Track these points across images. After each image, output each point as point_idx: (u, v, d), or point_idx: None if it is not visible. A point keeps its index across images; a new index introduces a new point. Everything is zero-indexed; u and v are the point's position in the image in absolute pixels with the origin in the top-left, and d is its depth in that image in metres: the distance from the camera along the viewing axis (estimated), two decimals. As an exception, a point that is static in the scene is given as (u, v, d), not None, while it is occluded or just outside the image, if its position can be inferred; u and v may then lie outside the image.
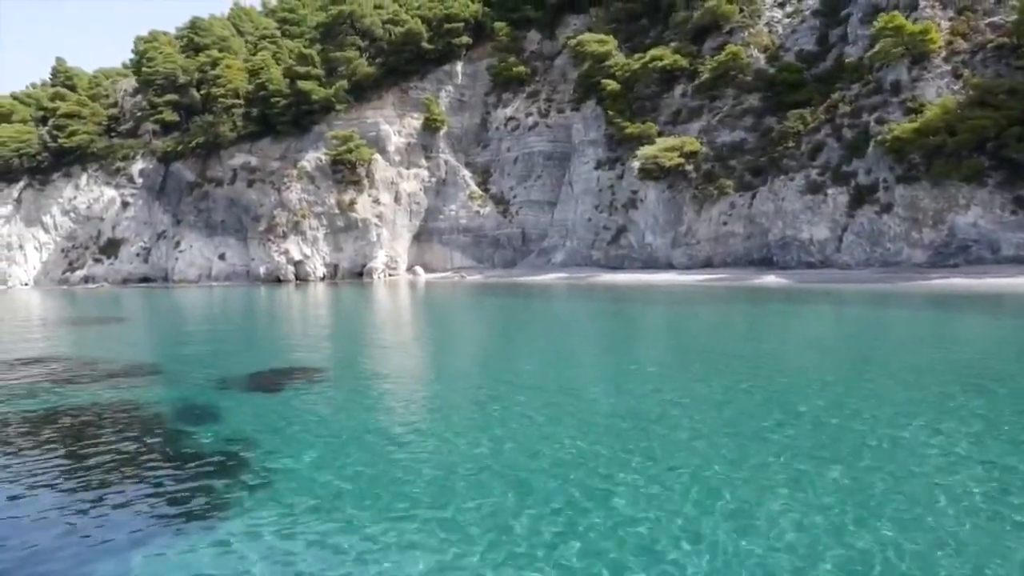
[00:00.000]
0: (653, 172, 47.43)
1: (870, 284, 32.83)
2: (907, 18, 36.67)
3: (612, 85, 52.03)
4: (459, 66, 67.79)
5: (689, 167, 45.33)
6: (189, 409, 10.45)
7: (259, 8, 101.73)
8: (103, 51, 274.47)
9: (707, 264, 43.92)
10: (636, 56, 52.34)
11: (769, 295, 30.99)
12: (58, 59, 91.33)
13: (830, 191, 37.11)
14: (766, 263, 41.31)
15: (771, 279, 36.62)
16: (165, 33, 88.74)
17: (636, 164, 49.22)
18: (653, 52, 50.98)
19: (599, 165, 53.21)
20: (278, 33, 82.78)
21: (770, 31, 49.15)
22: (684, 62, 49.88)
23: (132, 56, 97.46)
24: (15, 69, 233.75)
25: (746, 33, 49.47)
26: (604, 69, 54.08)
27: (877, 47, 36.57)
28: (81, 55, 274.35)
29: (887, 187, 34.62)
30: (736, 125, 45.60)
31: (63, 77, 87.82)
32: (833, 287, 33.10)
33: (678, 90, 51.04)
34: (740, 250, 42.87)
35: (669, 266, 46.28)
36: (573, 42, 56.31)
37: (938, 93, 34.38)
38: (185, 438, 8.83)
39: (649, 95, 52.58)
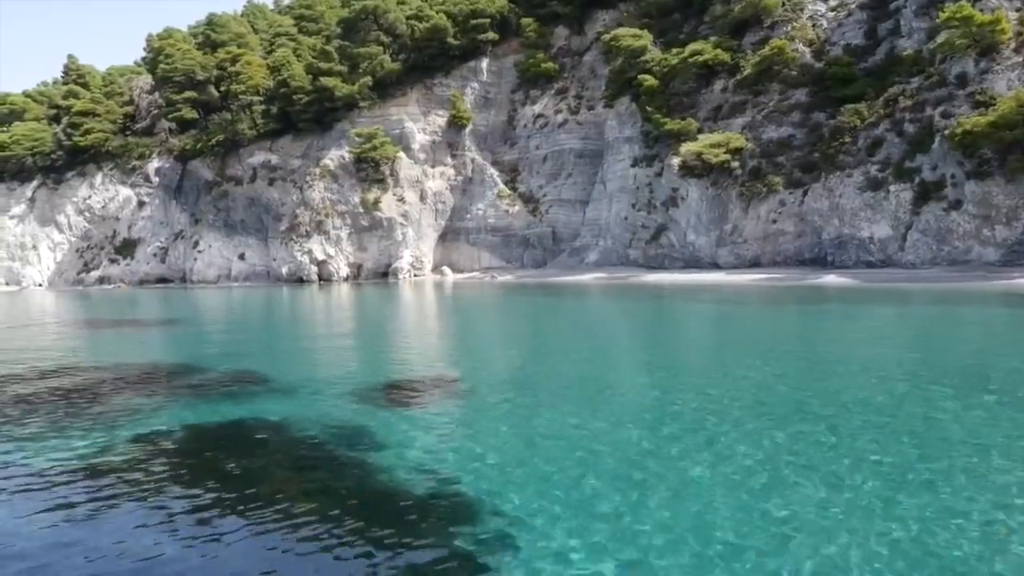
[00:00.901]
0: (695, 169, 46.14)
1: (941, 284, 31.53)
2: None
3: (649, 81, 50.70)
4: (484, 63, 66.48)
5: (735, 164, 44.02)
6: (341, 429, 9.09)
7: (271, 6, 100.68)
8: (103, 51, 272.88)
9: (755, 264, 42.61)
10: (674, 51, 51.02)
11: (836, 295, 29.65)
12: (70, 57, 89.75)
13: (892, 188, 35.80)
14: (819, 262, 40.00)
15: (831, 278, 35.30)
16: (179, 30, 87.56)
17: (676, 161, 47.94)
18: (692, 46, 49.67)
19: (635, 163, 51.87)
20: (294, 30, 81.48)
21: (814, 25, 47.87)
22: (725, 56, 48.56)
23: (144, 54, 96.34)
24: (16, 69, 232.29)
25: (789, 27, 48.21)
26: (639, 64, 52.74)
27: (940, 39, 35.30)
28: (84, 55, 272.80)
29: (955, 183, 33.33)
30: (783, 121, 44.29)
31: (75, 75, 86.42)
32: (902, 287, 31.79)
33: (718, 85, 49.72)
34: (790, 249, 41.57)
35: (714, 265, 44.95)
36: (607, 37, 54.96)
37: (1009, 86, 33.10)
38: (364, 468, 7.47)
39: (686, 91, 51.23)
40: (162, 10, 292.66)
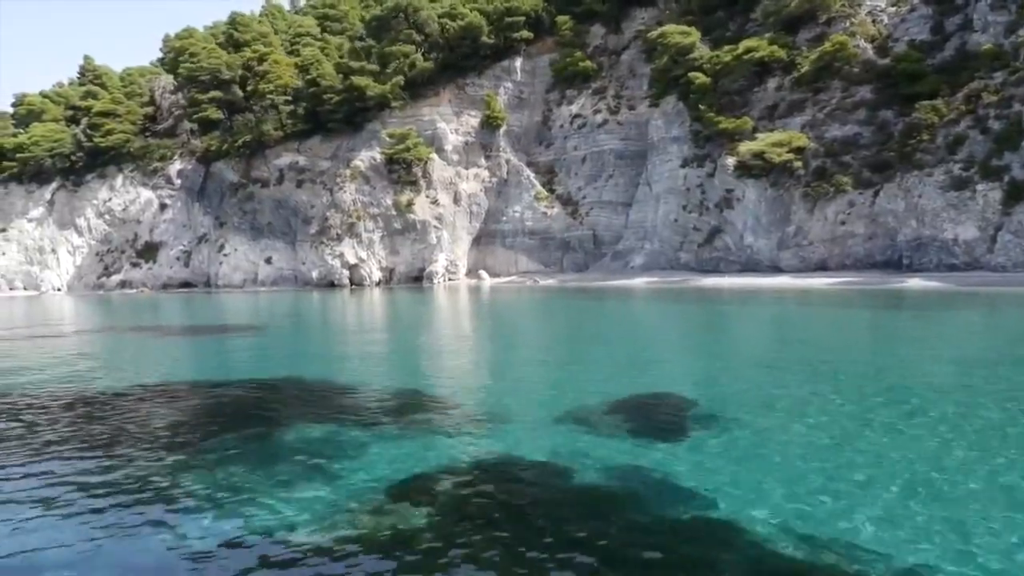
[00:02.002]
0: (753, 169, 44.54)
1: (1041, 287, 29.90)
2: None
3: (701, 78, 49.14)
4: (518, 62, 64.91)
5: (797, 164, 42.40)
6: (594, 465, 7.40)
7: (287, 7, 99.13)
8: (104, 50, 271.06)
9: (821, 267, 40.94)
10: (726, 48, 49.48)
11: (936, 299, 27.97)
12: (86, 57, 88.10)
13: (979, 187, 34.20)
14: (892, 265, 38.37)
15: (916, 282, 33.64)
16: (198, 30, 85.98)
17: (731, 161, 46.37)
18: (746, 43, 48.14)
19: (685, 163, 50.23)
20: (317, 30, 79.95)
21: (874, 21, 46.39)
22: (781, 53, 47.02)
23: (160, 54, 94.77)
24: (17, 69, 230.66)
25: (847, 23, 46.70)
26: (688, 62, 51.22)
27: (1027, 32, 33.74)
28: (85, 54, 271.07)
29: (1050, 182, 31.76)
30: (847, 119, 42.72)
31: (92, 75, 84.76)
32: (997, 290, 30.15)
33: (771, 83, 48.17)
34: (860, 252, 39.92)
35: (774, 269, 43.29)
36: (653, 34, 53.44)
37: (1106, 80, 31.57)
38: (677, 518, 5.76)
39: (737, 89, 49.69)
40: (163, 10, 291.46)
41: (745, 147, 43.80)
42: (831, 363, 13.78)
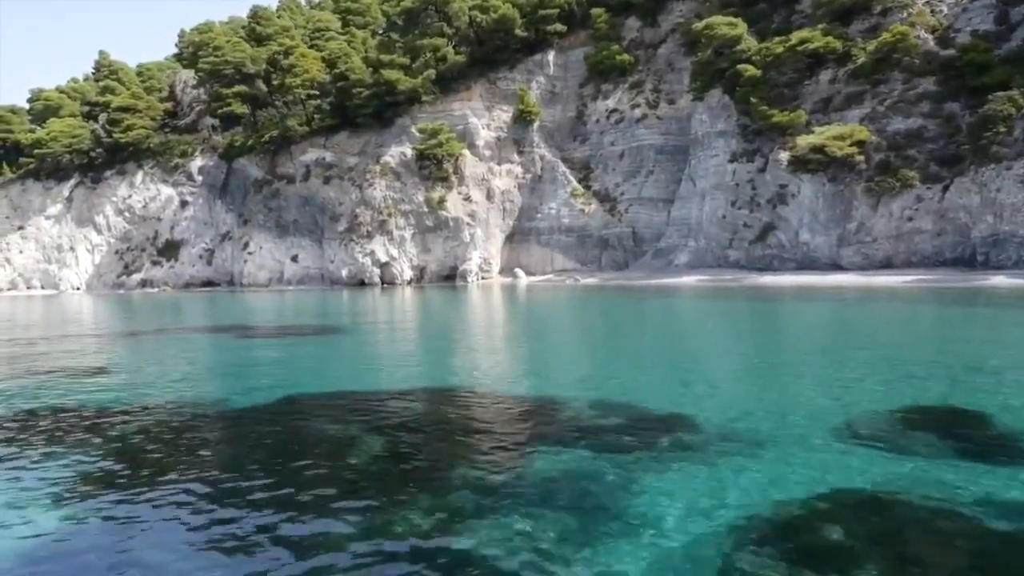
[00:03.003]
0: (809, 164, 43.13)
1: None
2: None
3: (751, 71, 47.69)
4: (551, 55, 63.40)
5: (859, 158, 40.97)
6: (937, 495, 5.96)
7: (303, 2, 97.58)
8: (108, 47, 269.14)
9: (886, 264, 39.52)
10: (776, 39, 48.05)
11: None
12: (101, 52, 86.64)
13: (1065, 180, 32.83)
14: (963, 262, 36.97)
15: (1000, 280, 32.22)
16: (217, 23, 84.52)
17: (784, 156, 44.97)
18: (799, 34, 46.72)
19: (734, 158, 48.79)
20: (337, 24, 78.45)
21: (932, 11, 44.99)
22: (837, 44, 45.59)
23: (176, 49, 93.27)
24: (15, 70, 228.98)
25: (904, 14, 45.28)
26: (735, 55, 49.76)
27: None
28: (90, 52, 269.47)
29: None
30: (910, 112, 41.31)
31: (107, 71, 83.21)
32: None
33: (824, 76, 46.73)
34: (928, 248, 38.52)
35: (833, 266, 41.85)
36: (698, 26, 51.90)
37: None
38: None
39: (786, 82, 48.26)
40: (163, 9, 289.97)
41: (804, 140, 42.37)
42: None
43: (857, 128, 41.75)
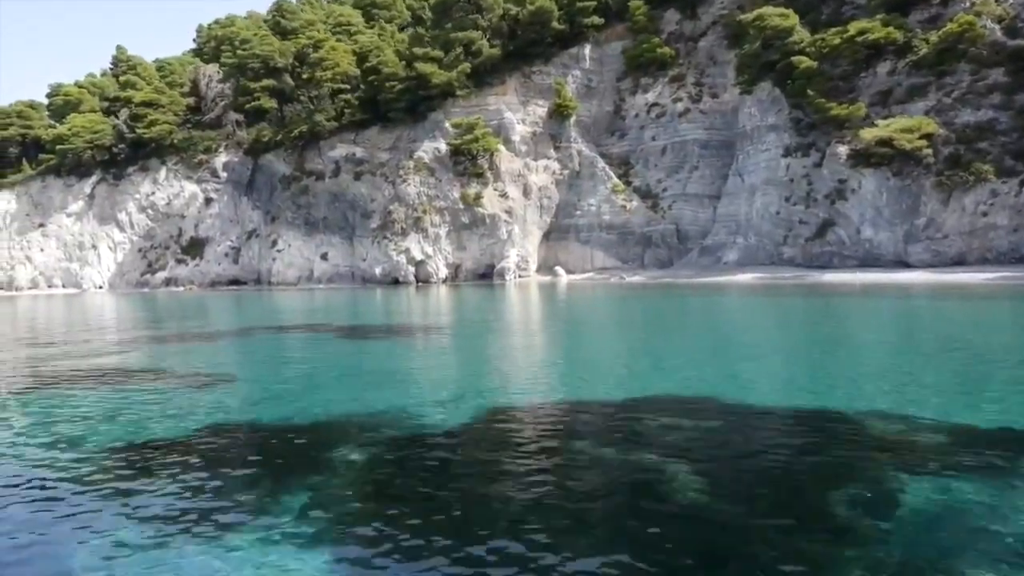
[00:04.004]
0: (872, 158, 41.74)
1: None
2: None
3: (806, 62, 46.32)
4: (587, 49, 62.03)
5: (927, 151, 39.59)
6: None
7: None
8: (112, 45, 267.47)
9: (959, 261, 38.10)
10: (832, 30, 46.67)
11: None
12: (119, 47, 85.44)
13: None
14: (1043, 260, 35.58)
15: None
16: (239, 17, 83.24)
17: (843, 150, 43.59)
18: (857, 25, 45.33)
19: (788, 152, 47.41)
20: (360, 19, 77.12)
21: (996, 1, 43.60)
22: (897, 35, 44.22)
23: (194, 43, 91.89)
24: (18, 69, 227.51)
25: (967, 3, 43.89)
26: (786, 46, 48.42)
27: None
28: (92, 50, 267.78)
29: None
30: (980, 104, 39.93)
31: (126, 65, 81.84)
32: None
33: (882, 68, 45.34)
34: (1004, 245, 37.13)
35: (899, 264, 40.44)
36: (748, 17, 50.49)
37: None
38: None
39: (841, 75, 46.87)
40: (177, 7, 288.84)
41: (870, 134, 40.96)
42: None
43: (924, 121, 40.37)
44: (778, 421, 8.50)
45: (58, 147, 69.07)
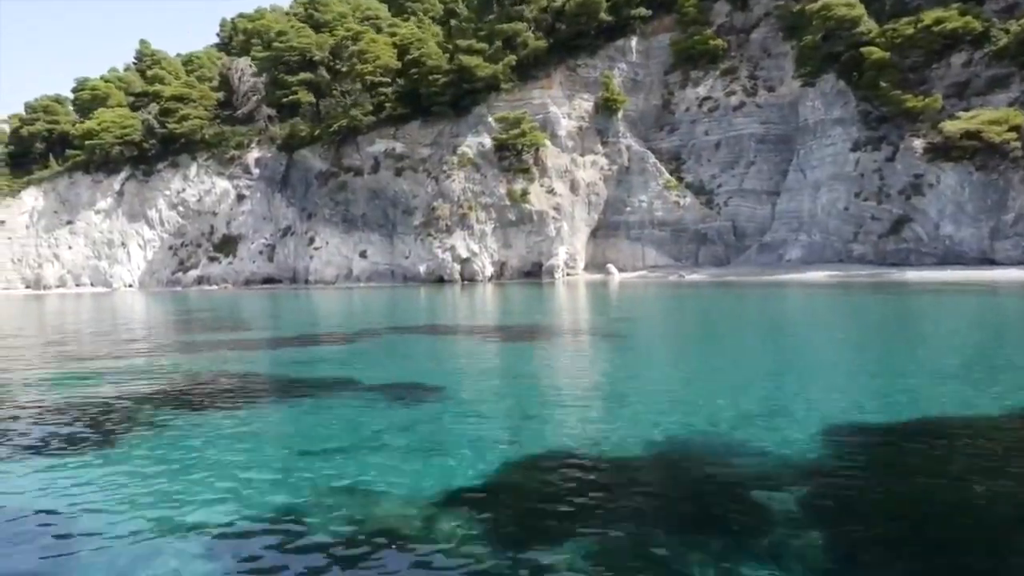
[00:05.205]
0: (952, 152, 40.30)
1: None
2: None
3: (877, 53, 44.81)
4: (633, 41, 60.38)
5: (1015, 144, 38.16)
6: None
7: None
8: (117, 44, 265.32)
9: (1051, 258, 36.69)
10: (904, 20, 45.19)
11: None
12: (142, 41, 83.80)
13: None
14: None
15: None
16: (267, 10, 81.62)
17: (918, 143, 42.14)
18: (932, 14, 43.85)
19: (856, 146, 45.94)
20: (387, 13, 75.51)
21: (1078, -12, 42.21)
22: (976, 24, 42.76)
23: (217, 37, 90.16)
24: (19, 69, 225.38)
25: (1047, -9, 42.50)
26: (851, 37, 46.98)
27: None
28: (94, 49, 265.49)
29: None
30: (1069, 94, 38.52)
31: (150, 60, 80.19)
32: None
33: (957, 59, 43.91)
34: (1100, 241, 35.74)
35: (983, 261, 38.96)
36: (813, 7, 48.91)
37: None
38: None
39: (911, 66, 45.41)
40: (186, 5, 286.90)
41: (953, 126, 39.51)
42: None
43: (1012, 112, 38.95)
44: None
45: (86, 143, 67.40)
